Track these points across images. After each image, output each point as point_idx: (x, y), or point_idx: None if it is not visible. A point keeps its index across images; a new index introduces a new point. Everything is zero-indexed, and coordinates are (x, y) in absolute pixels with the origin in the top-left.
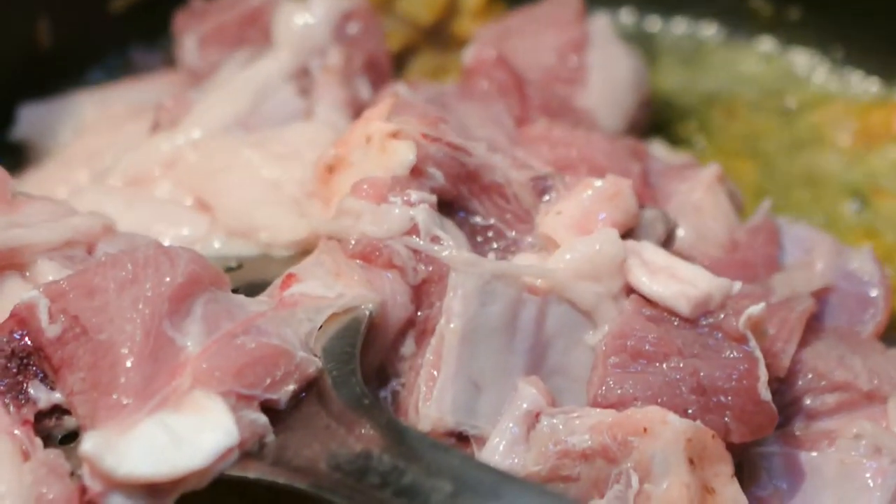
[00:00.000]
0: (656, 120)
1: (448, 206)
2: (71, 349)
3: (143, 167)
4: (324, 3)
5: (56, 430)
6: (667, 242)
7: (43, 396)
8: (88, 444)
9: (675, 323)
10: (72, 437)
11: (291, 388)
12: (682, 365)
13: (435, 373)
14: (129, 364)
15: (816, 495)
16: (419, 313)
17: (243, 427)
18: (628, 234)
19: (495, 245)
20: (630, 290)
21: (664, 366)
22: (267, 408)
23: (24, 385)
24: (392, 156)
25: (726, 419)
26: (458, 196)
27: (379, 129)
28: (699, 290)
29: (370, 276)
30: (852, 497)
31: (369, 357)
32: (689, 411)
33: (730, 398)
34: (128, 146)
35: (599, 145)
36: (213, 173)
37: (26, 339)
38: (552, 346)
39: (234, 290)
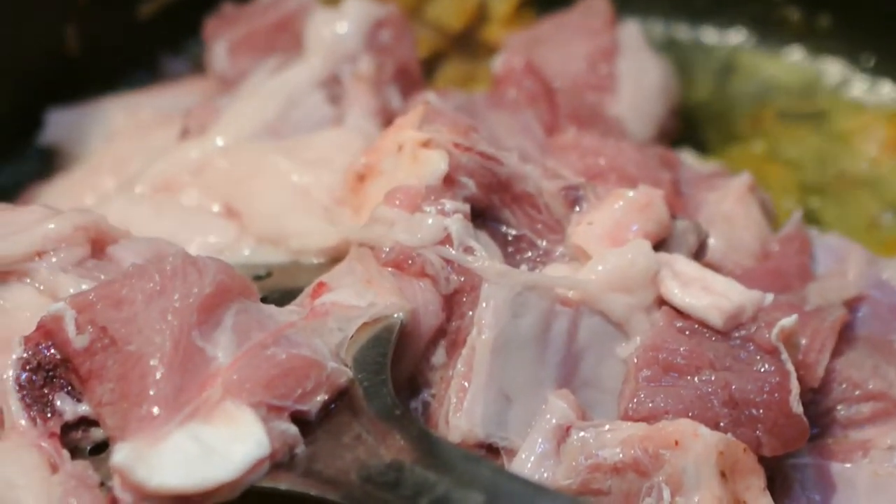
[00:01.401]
0: (686, 128)
1: (479, 216)
2: (100, 360)
3: (171, 174)
4: (356, 11)
5: (83, 443)
6: (698, 253)
7: (69, 409)
8: (120, 455)
9: (707, 335)
10: (100, 449)
11: (322, 398)
12: (713, 378)
13: (466, 384)
14: (158, 375)
15: None
16: (451, 324)
17: (274, 438)
18: (660, 245)
19: (527, 255)
20: (662, 302)
21: (696, 379)
22: (297, 418)
23: (51, 397)
24: (424, 165)
25: (758, 432)
26: (490, 206)
27: (410, 137)
28: (732, 303)
29: (402, 285)
30: None
31: (400, 367)
32: (721, 424)
33: (761, 411)
34: (156, 153)
35: (629, 154)
36: (242, 180)
37: (52, 350)
38: (584, 358)
39: (264, 299)
